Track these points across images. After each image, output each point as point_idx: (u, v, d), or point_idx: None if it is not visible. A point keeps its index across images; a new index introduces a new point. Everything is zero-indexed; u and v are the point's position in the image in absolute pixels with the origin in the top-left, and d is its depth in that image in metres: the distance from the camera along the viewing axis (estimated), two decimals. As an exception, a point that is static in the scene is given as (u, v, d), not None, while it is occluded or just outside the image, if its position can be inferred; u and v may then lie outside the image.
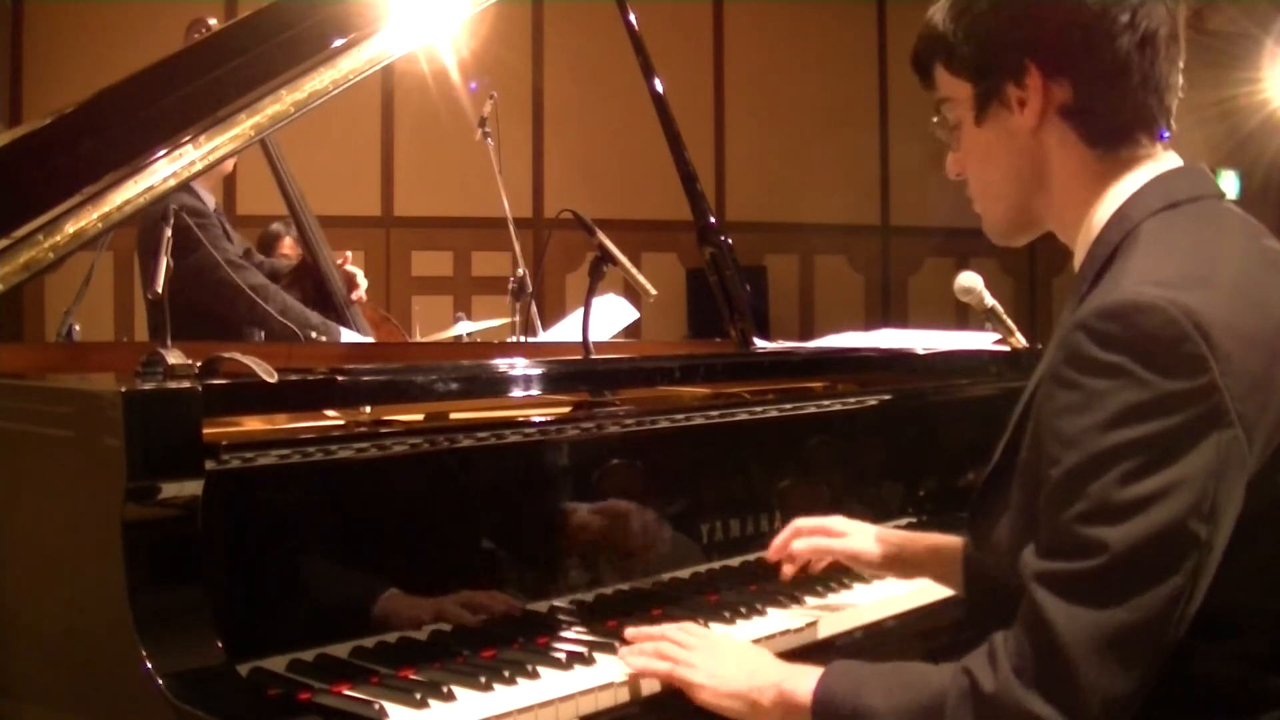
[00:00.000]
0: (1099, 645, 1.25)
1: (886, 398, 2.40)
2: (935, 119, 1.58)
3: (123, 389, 1.38)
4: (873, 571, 1.99)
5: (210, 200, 3.61)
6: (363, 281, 3.83)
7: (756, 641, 1.76)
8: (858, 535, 1.92)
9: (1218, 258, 1.37)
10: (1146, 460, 1.25)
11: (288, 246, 4.54)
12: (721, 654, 1.61)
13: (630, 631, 1.69)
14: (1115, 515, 1.25)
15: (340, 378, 1.65)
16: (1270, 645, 1.33)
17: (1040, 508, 1.34)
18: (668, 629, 1.67)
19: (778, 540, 1.95)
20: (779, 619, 1.89)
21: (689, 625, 1.70)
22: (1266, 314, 1.33)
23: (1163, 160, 1.48)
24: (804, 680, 1.48)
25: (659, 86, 2.63)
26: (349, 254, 3.91)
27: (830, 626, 1.91)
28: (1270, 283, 1.38)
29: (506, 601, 1.72)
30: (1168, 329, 1.26)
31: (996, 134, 1.51)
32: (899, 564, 1.91)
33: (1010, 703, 1.28)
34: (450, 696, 1.48)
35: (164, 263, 1.68)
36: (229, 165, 3.66)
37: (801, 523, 1.95)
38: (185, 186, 3.36)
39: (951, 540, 1.86)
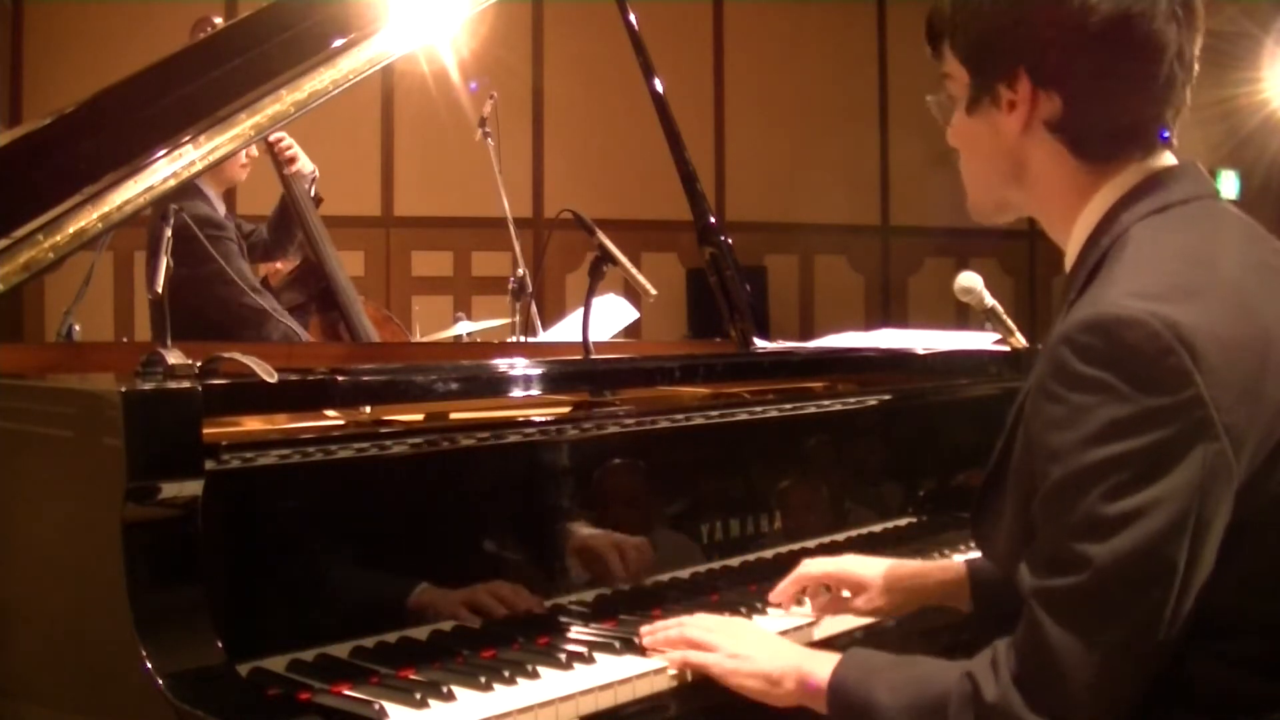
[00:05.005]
0: (1091, 666, 1.27)
1: (886, 398, 2.39)
2: (933, 95, 1.57)
3: (123, 389, 1.37)
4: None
5: (221, 207, 3.61)
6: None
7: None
8: (866, 593, 1.88)
9: (1206, 264, 1.35)
10: (1130, 476, 1.25)
11: None
12: (741, 636, 1.66)
13: (646, 629, 1.71)
14: (1100, 531, 1.26)
15: (340, 378, 1.65)
16: (1266, 649, 1.32)
17: (1034, 519, 1.35)
18: (685, 619, 1.71)
19: (782, 586, 1.92)
20: (780, 619, 1.89)
21: (704, 615, 1.74)
22: (1255, 320, 1.32)
23: (1155, 159, 1.45)
24: (821, 664, 1.52)
25: (659, 86, 2.63)
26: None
27: (831, 627, 1.91)
28: (1260, 288, 1.36)
29: (525, 596, 1.73)
30: (1150, 343, 1.25)
31: (984, 127, 1.49)
32: (908, 604, 1.90)
33: (1009, 714, 1.30)
34: (450, 696, 1.48)
35: (164, 262, 1.67)
36: (242, 175, 3.67)
37: (807, 575, 1.92)
38: (199, 194, 3.39)
39: (955, 566, 1.90)
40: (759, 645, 1.64)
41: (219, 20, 3.33)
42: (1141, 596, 1.26)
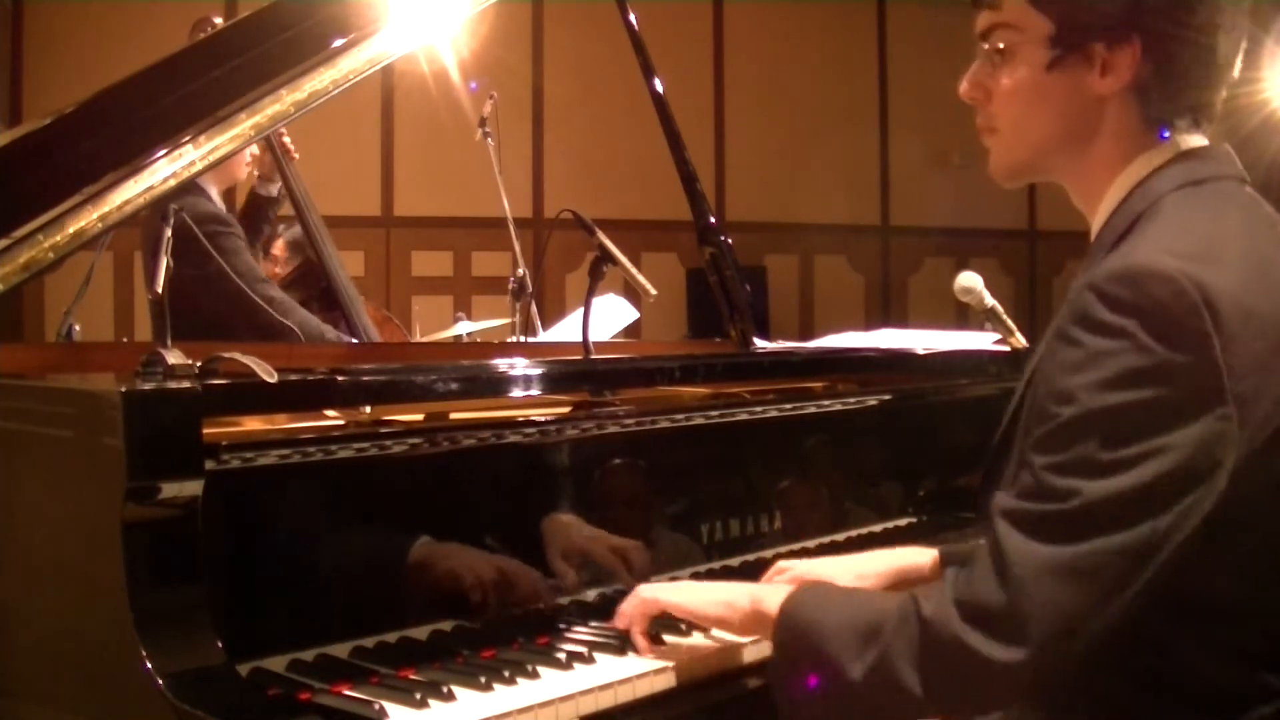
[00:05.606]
0: (1043, 575, 1.26)
1: (886, 398, 2.39)
2: (984, 43, 1.51)
3: (123, 389, 1.37)
4: None
5: (221, 205, 3.61)
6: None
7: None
8: None
9: (1234, 237, 1.38)
10: (1136, 425, 1.26)
11: (278, 248, 4.54)
12: (695, 584, 1.79)
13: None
14: (1094, 471, 1.27)
15: (340, 378, 1.65)
16: (1259, 639, 1.33)
17: (1024, 452, 1.35)
18: (641, 585, 1.76)
19: None
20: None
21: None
22: (1277, 298, 1.33)
23: (1190, 136, 1.48)
24: (777, 593, 1.55)
25: (659, 86, 2.63)
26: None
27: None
28: None
29: (525, 596, 1.74)
30: (1177, 300, 1.27)
31: (1061, 85, 1.46)
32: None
33: (943, 627, 1.30)
34: (450, 696, 1.48)
35: (164, 262, 1.67)
36: (242, 174, 3.68)
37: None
38: (201, 191, 3.39)
39: (926, 553, 1.88)
40: (712, 586, 1.74)
41: (219, 20, 3.33)
42: (1114, 531, 1.26)
